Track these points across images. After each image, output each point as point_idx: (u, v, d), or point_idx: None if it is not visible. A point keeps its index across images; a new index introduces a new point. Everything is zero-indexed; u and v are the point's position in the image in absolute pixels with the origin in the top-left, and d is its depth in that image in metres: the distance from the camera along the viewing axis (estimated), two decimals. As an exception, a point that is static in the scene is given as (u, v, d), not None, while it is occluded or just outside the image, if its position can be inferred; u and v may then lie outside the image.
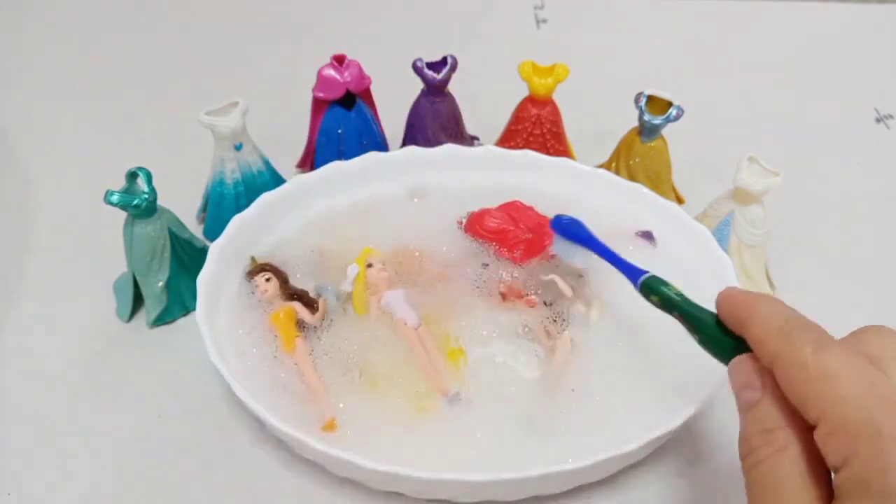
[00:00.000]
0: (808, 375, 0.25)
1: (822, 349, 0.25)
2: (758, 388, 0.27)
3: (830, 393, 0.24)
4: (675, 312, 0.34)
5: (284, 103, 0.60)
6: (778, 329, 0.27)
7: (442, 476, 0.34)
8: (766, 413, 0.26)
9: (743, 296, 0.30)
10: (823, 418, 0.24)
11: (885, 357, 0.26)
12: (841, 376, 0.24)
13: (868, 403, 0.23)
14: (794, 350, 0.26)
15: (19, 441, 0.40)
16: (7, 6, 0.77)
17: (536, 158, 0.50)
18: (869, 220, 0.55)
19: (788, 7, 0.80)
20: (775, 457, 0.25)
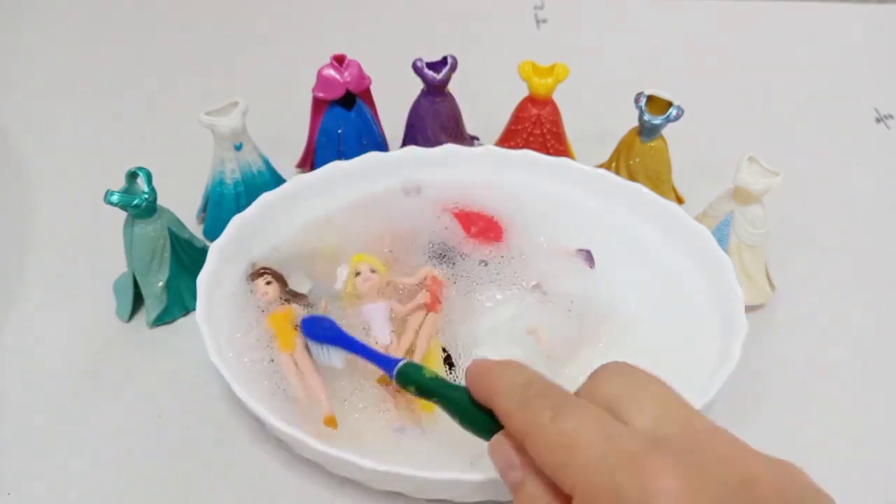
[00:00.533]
0: (551, 446, 0.25)
1: (559, 414, 0.25)
2: (518, 467, 0.27)
3: (573, 461, 0.24)
4: (434, 398, 0.32)
5: (284, 103, 0.60)
6: (518, 399, 0.27)
7: (442, 476, 0.34)
8: (531, 493, 0.26)
9: (487, 366, 0.29)
10: (575, 489, 0.24)
11: (622, 397, 0.26)
12: (580, 441, 0.24)
13: (608, 465, 0.23)
14: (534, 420, 0.26)
15: (19, 441, 0.40)
16: (7, 6, 0.77)
17: (536, 158, 0.50)
18: (869, 220, 0.55)
19: (788, 7, 0.80)
20: None
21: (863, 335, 0.47)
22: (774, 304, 0.48)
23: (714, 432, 0.25)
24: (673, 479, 0.22)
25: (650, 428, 0.25)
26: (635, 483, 0.22)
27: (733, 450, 0.24)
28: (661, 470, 0.23)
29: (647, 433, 0.25)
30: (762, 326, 0.46)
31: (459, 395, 0.30)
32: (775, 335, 0.47)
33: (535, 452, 0.26)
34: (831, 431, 0.41)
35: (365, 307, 0.42)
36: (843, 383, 0.44)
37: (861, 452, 0.41)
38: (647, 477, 0.22)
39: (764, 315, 0.47)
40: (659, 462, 0.23)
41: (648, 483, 0.22)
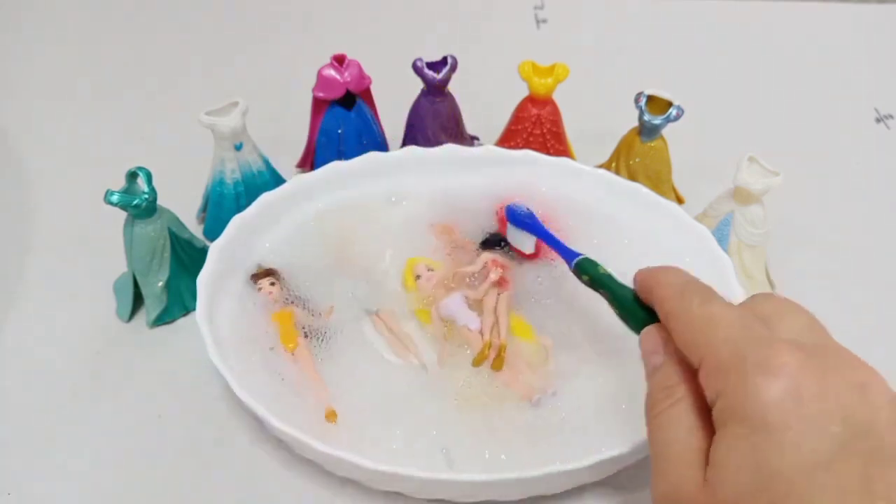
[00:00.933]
0: (693, 324, 0.28)
1: (706, 301, 0.28)
2: (661, 352, 0.29)
3: (710, 337, 0.27)
4: (602, 290, 0.36)
5: (284, 103, 0.60)
6: (675, 290, 0.30)
7: (442, 476, 0.34)
8: (667, 373, 0.28)
9: (654, 269, 0.32)
10: (703, 360, 0.26)
11: (770, 314, 0.28)
12: (720, 322, 0.27)
13: (739, 341, 0.26)
14: (684, 304, 0.29)
15: (19, 441, 0.40)
16: (7, 6, 0.77)
17: (536, 158, 0.50)
18: (869, 220, 0.55)
19: (788, 7, 0.80)
20: (672, 408, 0.27)
21: (863, 335, 0.47)
22: (774, 304, 0.48)
23: (847, 351, 0.27)
24: (796, 358, 0.24)
25: (790, 335, 0.26)
26: (760, 356, 0.24)
27: (861, 364, 0.26)
28: (787, 350, 0.24)
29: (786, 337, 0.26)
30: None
31: (625, 291, 0.34)
32: (775, 335, 0.46)
33: (677, 330, 0.28)
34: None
35: (442, 304, 0.43)
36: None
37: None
38: (772, 352, 0.24)
39: (764, 315, 0.47)
40: (786, 346, 0.25)
41: (772, 357, 0.24)
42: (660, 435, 0.27)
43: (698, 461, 0.25)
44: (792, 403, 0.23)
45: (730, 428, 0.24)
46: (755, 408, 0.24)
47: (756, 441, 0.23)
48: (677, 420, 0.27)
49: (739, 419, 0.24)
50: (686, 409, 0.27)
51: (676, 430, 0.27)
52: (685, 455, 0.26)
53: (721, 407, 0.25)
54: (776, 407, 0.23)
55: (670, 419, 0.27)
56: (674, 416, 0.27)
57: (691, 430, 0.26)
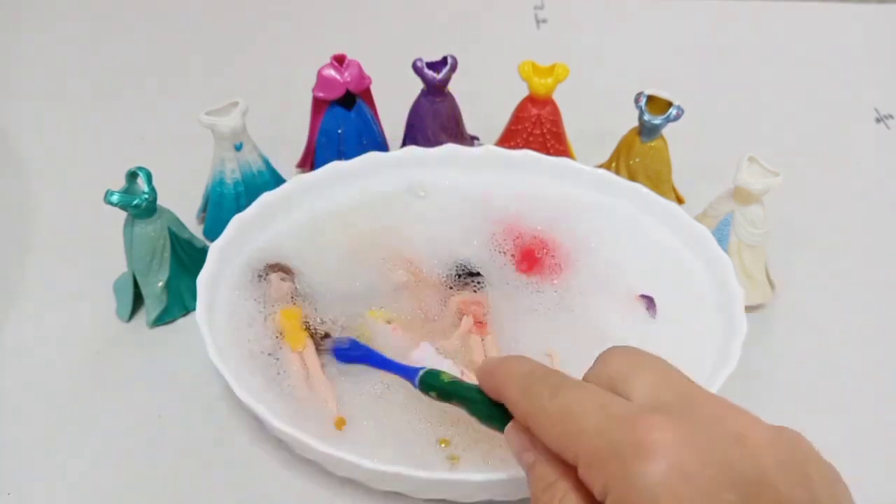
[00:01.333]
0: (552, 421, 0.26)
1: (556, 392, 0.27)
2: (531, 449, 0.28)
3: (572, 430, 0.25)
4: (454, 401, 0.33)
5: (284, 103, 0.60)
6: (521, 385, 0.28)
7: (442, 476, 0.34)
8: (542, 470, 0.27)
9: (494, 362, 0.31)
10: (578, 457, 0.25)
11: (623, 374, 0.27)
12: (576, 412, 0.26)
13: (604, 429, 0.24)
14: (536, 401, 0.27)
15: (19, 441, 0.40)
16: (7, 6, 0.77)
17: (536, 158, 0.50)
18: (869, 220, 0.55)
19: (788, 7, 0.80)
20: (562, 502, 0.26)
21: (863, 335, 0.47)
22: (774, 304, 0.48)
23: (711, 397, 0.26)
24: (667, 432, 0.23)
25: (648, 398, 0.26)
26: (631, 439, 0.23)
27: (729, 411, 0.25)
28: (655, 425, 0.24)
29: (645, 403, 0.26)
30: (762, 326, 0.46)
31: (475, 395, 0.32)
32: (775, 335, 0.47)
33: (538, 431, 0.27)
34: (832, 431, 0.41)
35: (412, 356, 0.40)
36: (844, 383, 0.44)
37: (862, 452, 0.41)
38: (641, 432, 0.23)
39: (764, 315, 0.47)
40: (652, 419, 0.24)
41: (643, 437, 0.23)
42: None
43: None
44: (679, 481, 0.22)
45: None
46: (645, 497, 0.23)
47: None
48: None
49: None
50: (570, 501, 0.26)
51: None
52: None
53: (613, 502, 0.24)
54: (665, 490, 0.22)
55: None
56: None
57: None
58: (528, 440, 0.28)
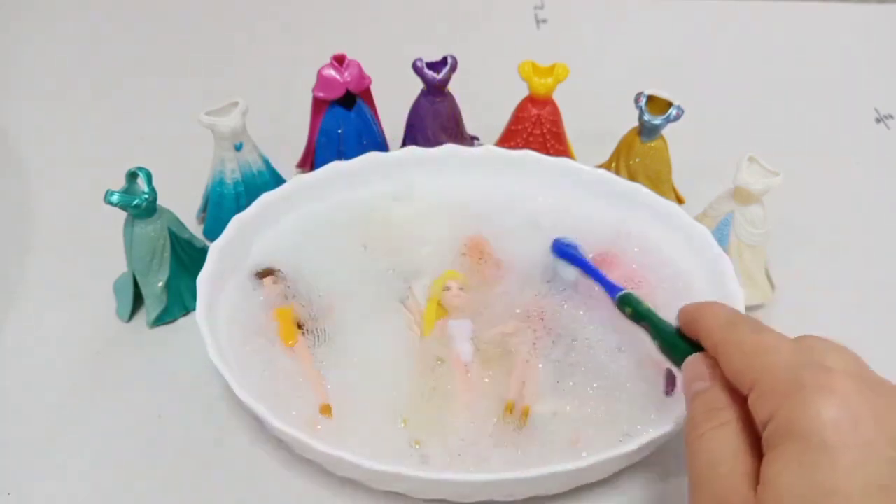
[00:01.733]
0: (745, 351, 0.28)
1: (758, 331, 0.29)
2: (707, 379, 0.30)
3: (763, 362, 0.27)
4: (643, 322, 0.37)
5: (284, 103, 0.60)
6: (723, 321, 0.30)
7: (442, 476, 0.34)
8: (712, 396, 0.29)
9: (701, 303, 0.34)
10: (757, 384, 0.27)
11: (818, 350, 0.28)
12: (772, 350, 0.27)
13: (796, 367, 0.26)
14: (736, 333, 0.29)
15: (19, 441, 0.40)
16: (7, 6, 0.77)
17: (536, 158, 0.50)
18: (869, 219, 0.55)
19: (788, 7, 0.80)
20: (717, 430, 0.28)
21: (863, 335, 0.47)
22: (774, 304, 0.48)
23: (890, 383, 0.27)
24: (850, 385, 0.25)
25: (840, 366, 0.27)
26: (816, 379, 0.25)
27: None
28: (840, 377, 0.25)
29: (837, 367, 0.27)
30: (762, 326, 0.46)
31: (666, 325, 0.35)
32: (775, 335, 0.46)
33: (726, 359, 0.29)
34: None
35: (449, 322, 0.42)
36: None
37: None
38: (827, 378, 0.25)
39: (764, 315, 0.47)
40: (841, 375, 0.25)
41: (827, 381, 0.25)
42: (704, 456, 0.27)
43: (746, 483, 0.25)
44: (850, 425, 0.24)
45: (784, 447, 0.24)
46: (813, 427, 0.24)
47: (813, 459, 0.23)
48: (724, 441, 0.27)
49: (795, 438, 0.24)
50: (733, 431, 0.27)
51: (722, 452, 0.27)
52: (732, 476, 0.26)
53: (774, 427, 0.25)
54: (834, 428, 0.24)
55: (716, 440, 0.27)
56: (720, 437, 0.27)
57: (737, 452, 0.26)
58: (707, 370, 0.30)
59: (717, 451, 0.27)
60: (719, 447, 0.27)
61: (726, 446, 0.27)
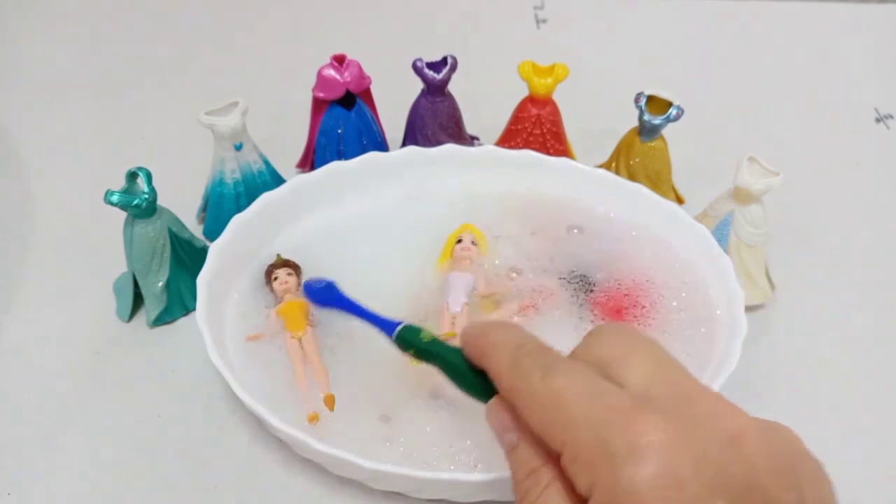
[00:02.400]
0: (540, 404, 0.25)
1: (549, 374, 0.25)
2: (513, 429, 0.27)
3: (561, 418, 0.24)
4: (432, 361, 0.32)
5: (284, 103, 0.60)
6: (509, 359, 0.27)
7: (442, 476, 0.34)
8: (525, 454, 0.26)
9: (482, 326, 0.29)
10: (563, 446, 0.24)
11: (616, 357, 0.26)
12: (568, 399, 0.24)
13: (595, 421, 0.23)
14: (524, 380, 0.26)
15: (19, 441, 0.40)
16: (7, 6, 0.77)
17: (537, 158, 0.50)
18: (869, 220, 0.55)
19: (788, 7, 0.80)
20: (544, 495, 0.25)
21: (863, 335, 0.47)
22: (774, 304, 0.48)
23: (704, 392, 0.25)
24: (660, 433, 0.22)
25: (641, 387, 0.25)
26: (622, 438, 0.22)
27: (723, 408, 0.24)
28: (648, 425, 0.23)
29: (638, 393, 0.25)
30: (762, 326, 0.46)
31: (457, 359, 0.30)
32: (775, 335, 0.47)
33: (524, 411, 0.26)
34: (831, 431, 0.41)
35: (451, 273, 0.44)
36: (843, 383, 0.44)
37: (861, 452, 0.41)
38: (634, 432, 0.22)
39: (764, 315, 0.47)
40: (646, 418, 0.23)
41: (635, 437, 0.22)
42: None
43: None
44: (671, 489, 0.21)
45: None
46: (636, 500, 0.22)
47: None
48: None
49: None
50: (557, 493, 0.25)
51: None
52: None
53: (599, 499, 0.23)
54: (655, 496, 0.21)
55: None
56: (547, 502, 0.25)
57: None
58: (510, 420, 0.27)
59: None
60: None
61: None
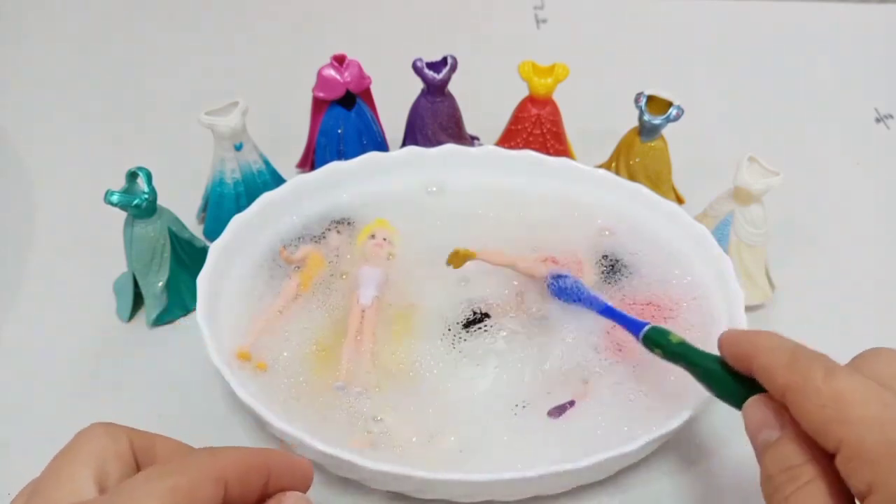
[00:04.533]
0: (822, 402, 0.25)
1: (832, 374, 0.25)
2: (776, 426, 0.27)
3: (846, 417, 0.24)
4: (681, 362, 0.33)
5: (284, 103, 0.60)
6: (786, 359, 0.27)
7: (442, 476, 0.34)
8: (787, 450, 0.26)
9: (745, 333, 0.30)
10: (842, 444, 0.24)
11: (890, 376, 0.26)
12: (854, 400, 0.24)
13: (885, 424, 0.24)
14: (805, 377, 0.26)
15: (19, 441, 0.40)
16: (7, 6, 0.77)
17: (537, 158, 0.50)
18: (869, 220, 0.55)
19: (789, 7, 0.80)
20: (802, 491, 0.25)
21: (863, 335, 0.47)
22: (774, 304, 0.48)
23: None
24: None
25: None
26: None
27: None
28: None
29: None
30: (762, 326, 0.46)
31: (709, 362, 0.31)
32: (775, 335, 0.46)
33: (799, 407, 0.26)
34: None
35: (363, 269, 0.44)
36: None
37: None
38: None
39: (764, 315, 0.47)
40: None
41: None
42: None
43: None
44: None
45: None
46: None
47: None
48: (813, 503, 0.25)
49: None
50: (820, 491, 0.25)
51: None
52: None
53: (879, 501, 0.23)
54: None
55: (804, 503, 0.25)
56: (808, 499, 0.25)
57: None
58: (774, 416, 0.27)
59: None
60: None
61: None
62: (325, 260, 0.45)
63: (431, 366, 0.40)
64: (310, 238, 0.46)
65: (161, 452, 0.28)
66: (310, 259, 0.45)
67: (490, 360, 0.41)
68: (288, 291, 0.43)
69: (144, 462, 0.27)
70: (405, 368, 0.40)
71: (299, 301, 0.43)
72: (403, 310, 0.43)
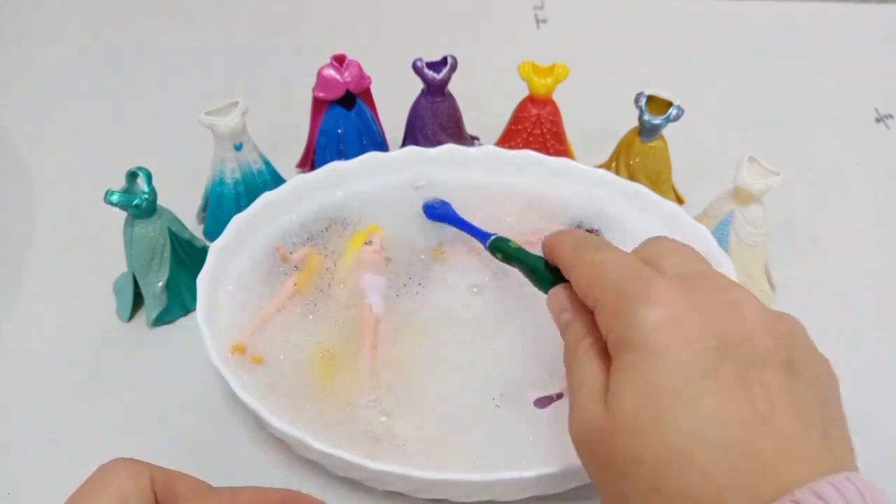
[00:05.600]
0: (586, 270, 0.30)
1: (597, 250, 0.31)
2: (569, 310, 0.32)
3: (598, 280, 0.29)
4: (514, 262, 0.39)
5: (284, 103, 0.60)
6: (573, 244, 0.32)
7: (442, 476, 0.34)
8: (576, 326, 0.31)
9: (555, 234, 0.35)
10: (597, 303, 0.29)
11: (657, 255, 0.30)
12: (607, 266, 0.29)
13: (624, 281, 0.28)
14: (579, 254, 0.31)
15: (19, 441, 0.40)
16: (7, 6, 0.77)
17: (537, 158, 0.50)
18: (869, 219, 0.55)
19: (788, 7, 0.80)
20: (583, 355, 0.29)
21: (863, 335, 0.47)
22: (774, 304, 0.48)
23: (725, 278, 0.29)
24: (671, 290, 0.27)
25: (671, 272, 0.29)
26: (640, 290, 0.27)
27: (730, 284, 0.28)
28: (664, 284, 0.27)
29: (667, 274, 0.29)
30: (762, 326, 0.46)
31: (535, 260, 0.37)
32: (775, 335, 0.46)
33: (574, 280, 0.31)
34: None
35: (365, 276, 0.44)
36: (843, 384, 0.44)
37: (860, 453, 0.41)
38: (651, 287, 0.27)
39: (764, 315, 0.47)
40: (663, 281, 0.27)
41: (650, 290, 0.27)
42: (573, 379, 0.29)
43: (601, 393, 0.27)
44: (671, 327, 0.26)
45: (621, 357, 0.27)
46: (639, 335, 0.26)
47: (643, 363, 0.26)
48: (586, 363, 0.29)
49: (628, 348, 0.26)
50: (591, 351, 0.29)
51: (584, 372, 0.29)
52: (592, 391, 0.28)
53: (613, 340, 0.27)
54: (657, 331, 0.26)
55: (580, 363, 0.29)
56: (583, 359, 0.29)
57: (595, 369, 0.28)
58: (568, 301, 0.32)
59: (580, 372, 0.29)
60: (582, 369, 0.29)
61: (587, 367, 0.29)
62: (324, 260, 0.45)
63: (432, 365, 0.40)
64: (309, 238, 0.46)
65: (180, 490, 0.29)
66: (309, 259, 0.45)
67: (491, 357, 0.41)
68: (287, 291, 0.43)
69: (164, 500, 0.28)
70: (408, 369, 0.40)
71: (299, 302, 0.43)
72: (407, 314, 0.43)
